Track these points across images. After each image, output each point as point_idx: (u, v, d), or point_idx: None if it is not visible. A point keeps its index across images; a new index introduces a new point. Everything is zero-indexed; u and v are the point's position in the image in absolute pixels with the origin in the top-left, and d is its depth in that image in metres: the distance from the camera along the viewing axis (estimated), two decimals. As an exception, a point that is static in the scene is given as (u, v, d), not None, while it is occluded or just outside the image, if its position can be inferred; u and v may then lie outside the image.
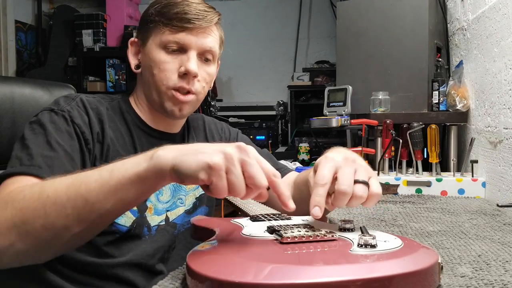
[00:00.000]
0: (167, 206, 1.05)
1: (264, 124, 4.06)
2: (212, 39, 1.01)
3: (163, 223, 1.04)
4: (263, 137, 3.86)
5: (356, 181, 0.71)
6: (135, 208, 0.97)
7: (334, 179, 0.72)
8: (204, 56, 1.01)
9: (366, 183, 0.72)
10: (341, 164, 0.73)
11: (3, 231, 0.71)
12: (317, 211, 0.69)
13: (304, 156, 3.33)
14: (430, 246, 0.85)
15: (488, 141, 1.57)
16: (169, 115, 1.01)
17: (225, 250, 0.64)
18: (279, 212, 0.85)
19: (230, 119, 3.93)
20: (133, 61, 1.05)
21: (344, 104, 2.09)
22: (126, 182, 0.68)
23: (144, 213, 1.00)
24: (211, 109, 3.77)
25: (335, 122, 1.98)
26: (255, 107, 4.21)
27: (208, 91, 1.09)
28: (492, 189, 1.51)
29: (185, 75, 0.98)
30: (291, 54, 4.47)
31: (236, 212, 0.97)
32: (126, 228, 0.97)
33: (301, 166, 2.73)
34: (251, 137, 3.73)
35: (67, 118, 0.92)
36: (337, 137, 3.38)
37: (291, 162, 3.01)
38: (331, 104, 2.16)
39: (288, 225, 0.74)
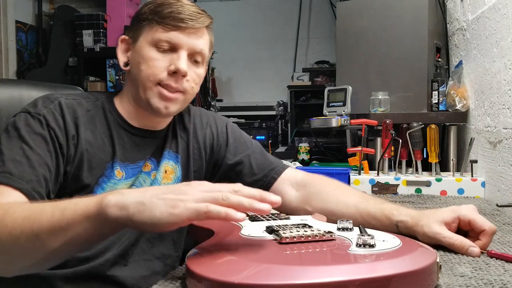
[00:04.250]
0: None
1: (264, 124, 4.06)
2: (203, 42, 1.01)
3: None
4: (263, 137, 3.86)
5: None
6: None
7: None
8: (193, 58, 1.01)
9: None
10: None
11: None
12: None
13: (304, 156, 3.33)
14: (430, 246, 0.85)
15: (487, 141, 1.57)
16: (155, 112, 1.00)
17: (224, 251, 0.65)
18: (278, 212, 0.85)
19: (230, 119, 3.94)
20: (122, 59, 1.04)
21: (344, 104, 2.09)
22: (75, 224, 0.68)
23: None
24: (211, 109, 3.78)
25: (335, 122, 1.98)
26: (255, 107, 4.21)
27: (209, 91, 1.09)
28: (491, 189, 1.51)
29: (174, 73, 0.97)
30: (291, 54, 4.47)
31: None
32: None
33: (301, 166, 2.73)
34: (252, 137, 3.73)
35: (42, 121, 0.92)
36: (337, 137, 3.38)
37: (291, 162, 3.01)
38: (331, 104, 2.16)
39: (287, 225, 0.74)
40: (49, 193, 0.89)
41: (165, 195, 0.65)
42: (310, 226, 0.74)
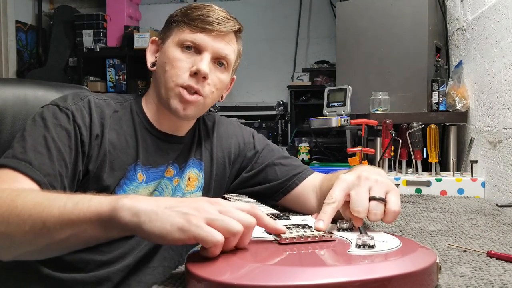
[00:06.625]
0: None
1: (264, 124, 4.06)
2: (229, 48, 1.02)
3: None
4: (263, 137, 3.87)
5: (371, 198, 0.76)
6: None
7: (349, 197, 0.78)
8: (218, 61, 1.02)
9: (381, 200, 0.76)
10: (354, 183, 0.78)
11: None
12: (320, 224, 0.73)
13: (304, 156, 3.33)
14: (430, 246, 0.85)
15: (487, 141, 1.57)
16: (173, 113, 1.01)
17: (224, 251, 0.64)
18: (278, 212, 0.85)
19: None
20: (149, 59, 1.06)
21: (344, 104, 2.09)
22: (85, 219, 0.67)
23: None
24: (211, 109, 3.78)
25: (335, 122, 1.98)
26: (255, 107, 4.21)
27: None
28: (491, 189, 1.51)
29: (195, 74, 0.98)
30: (291, 54, 4.47)
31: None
32: None
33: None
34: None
35: (69, 116, 0.93)
36: (337, 137, 3.38)
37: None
38: (330, 104, 2.16)
39: (286, 225, 0.74)
40: (65, 189, 0.89)
41: (180, 208, 0.62)
42: (310, 227, 0.74)
